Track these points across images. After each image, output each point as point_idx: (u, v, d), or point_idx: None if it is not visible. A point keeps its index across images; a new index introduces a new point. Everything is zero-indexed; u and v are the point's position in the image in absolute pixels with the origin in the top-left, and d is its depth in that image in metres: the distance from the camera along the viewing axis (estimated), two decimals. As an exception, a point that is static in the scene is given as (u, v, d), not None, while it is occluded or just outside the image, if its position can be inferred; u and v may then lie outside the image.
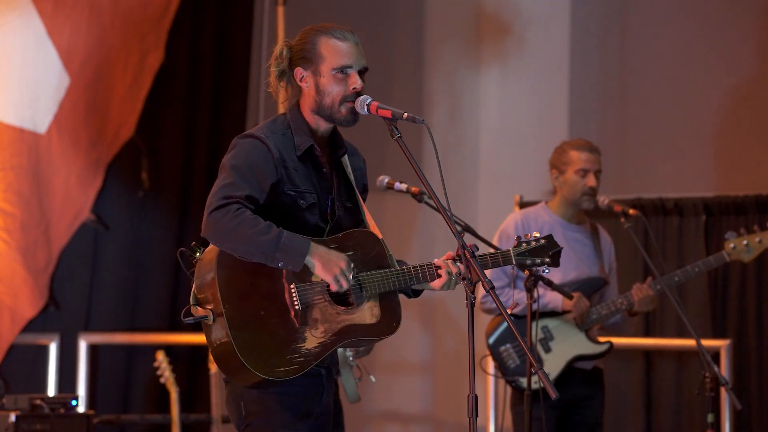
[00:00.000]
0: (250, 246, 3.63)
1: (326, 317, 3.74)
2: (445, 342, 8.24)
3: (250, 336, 3.65)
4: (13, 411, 6.24)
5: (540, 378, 3.44)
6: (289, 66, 3.85)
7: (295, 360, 3.67)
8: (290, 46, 3.87)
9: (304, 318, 3.71)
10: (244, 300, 3.68)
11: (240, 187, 3.69)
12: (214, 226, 3.65)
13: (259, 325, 3.67)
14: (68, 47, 7.20)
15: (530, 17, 8.16)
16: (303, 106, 3.86)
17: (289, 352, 3.67)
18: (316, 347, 3.71)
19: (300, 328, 3.70)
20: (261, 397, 3.72)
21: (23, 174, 7.09)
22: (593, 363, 5.52)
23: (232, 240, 3.63)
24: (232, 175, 3.71)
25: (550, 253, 4.01)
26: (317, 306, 3.74)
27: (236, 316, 3.64)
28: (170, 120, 7.68)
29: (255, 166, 3.73)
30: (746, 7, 7.84)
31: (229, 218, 3.63)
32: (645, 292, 5.46)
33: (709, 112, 7.88)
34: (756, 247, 5.48)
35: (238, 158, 3.75)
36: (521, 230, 5.54)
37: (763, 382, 7.06)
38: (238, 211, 3.64)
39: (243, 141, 3.79)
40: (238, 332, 3.63)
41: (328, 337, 3.73)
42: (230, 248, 3.65)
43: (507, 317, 3.52)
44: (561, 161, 5.56)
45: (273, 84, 3.88)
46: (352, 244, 3.81)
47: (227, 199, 3.66)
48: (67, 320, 7.30)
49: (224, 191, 3.68)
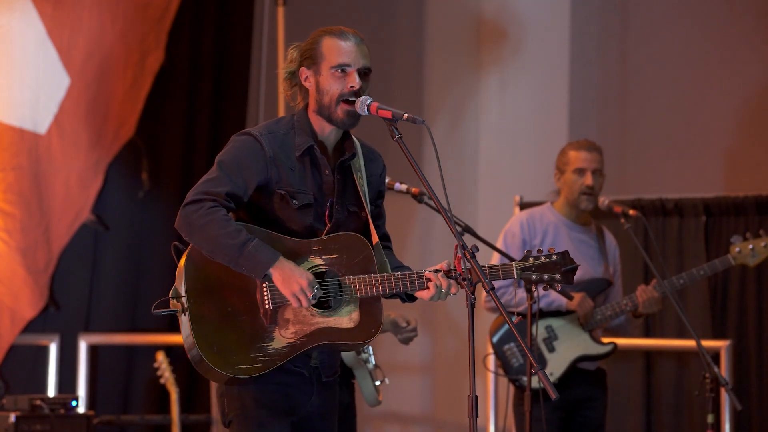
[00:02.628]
0: (214, 246, 3.65)
1: (299, 318, 3.72)
2: (445, 342, 8.24)
3: (213, 332, 3.66)
4: (13, 411, 6.25)
5: (540, 379, 3.44)
6: (298, 68, 3.87)
7: (259, 358, 3.67)
8: (300, 48, 3.87)
9: (274, 317, 3.70)
10: (211, 295, 3.69)
11: (221, 183, 3.70)
12: (185, 220, 3.68)
13: (224, 322, 3.67)
14: (68, 47, 7.20)
15: (530, 18, 8.16)
16: (309, 109, 3.86)
17: (253, 350, 3.67)
18: (283, 347, 3.69)
19: (269, 327, 3.70)
20: (239, 395, 3.73)
21: (23, 174, 7.09)
22: (596, 364, 5.52)
23: (198, 237, 3.66)
24: (217, 170, 3.73)
25: (563, 270, 3.85)
26: (290, 306, 3.72)
27: (200, 311, 3.66)
28: (170, 120, 7.68)
29: (242, 163, 3.74)
30: (746, 7, 7.83)
31: (200, 215, 3.65)
32: (650, 293, 5.46)
33: (710, 113, 7.88)
34: (761, 251, 5.47)
35: (227, 154, 3.77)
36: (527, 230, 5.54)
37: (763, 383, 7.05)
38: (212, 209, 3.65)
39: (237, 138, 3.81)
40: (200, 327, 3.65)
41: (298, 338, 3.71)
42: (197, 244, 3.69)
43: (507, 318, 3.52)
44: (562, 162, 5.57)
45: (284, 86, 3.89)
46: (337, 247, 3.78)
47: (204, 195, 3.68)
48: (67, 321, 7.30)
49: (204, 186, 3.70)
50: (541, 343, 5.43)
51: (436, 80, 8.37)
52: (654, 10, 8.11)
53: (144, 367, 7.33)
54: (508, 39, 8.20)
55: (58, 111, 7.20)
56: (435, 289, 3.75)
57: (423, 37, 8.44)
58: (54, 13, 7.16)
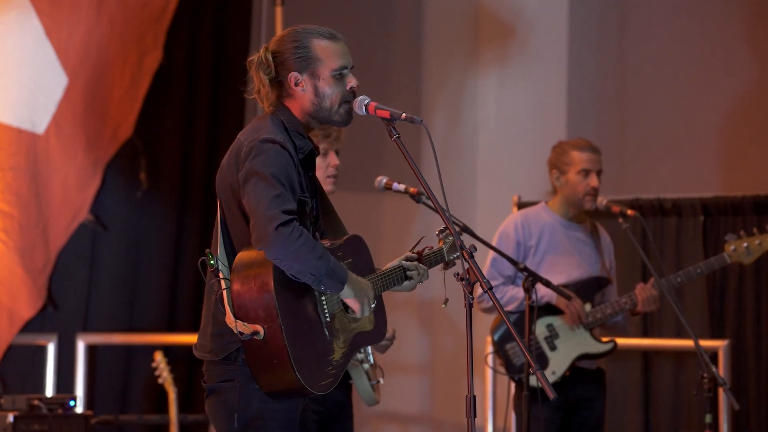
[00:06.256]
0: (306, 267, 3.58)
1: (343, 326, 3.75)
2: (443, 342, 8.24)
3: (301, 351, 3.61)
4: (11, 411, 6.24)
5: (539, 379, 3.44)
6: (276, 71, 3.79)
7: (330, 372, 3.68)
8: (272, 51, 3.80)
9: (331, 329, 3.71)
10: (293, 314, 3.63)
11: (289, 199, 3.61)
12: (282, 244, 3.55)
13: (305, 339, 3.64)
14: (66, 47, 7.20)
15: (529, 18, 8.16)
16: (293, 107, 3.81)
17: (325, 364, 3.67)
18: (341, 358, 3.72)
19: (330, 339, 3.70)
20: (260, 412, 3.68)
21: (21, 174, 7.08)
22: (596, 363, 5.53)
23: (293, 259, 3.56)
24: (277, 185, 3.61)
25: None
26: (337, 316, 3.75)
27: (290, 331, 3.60)
28: (168, 120, 7.67)
29: (289, 175, 3.66)
30: (744, 7, 7.84)
31: (294, 237, 3.55)
32: (648, 292, 5.47)
33: (708, 113, 7.88)
34: (756, 249, 5.51)
35: (274, 166, 3.65)
36: (521, 231, 5.55)
37: (761, 383, 7.06)
38: (300, 229, 3.58)
39: (271, 147, 3.68)
40: (293, 348, 3.58)
41: (347, 346, 3.75)
42: (287, 266, 3.58)
43: (506, 318, 3.53)
44: (562, 161, 5.56)
45: (263, 91, 3.80)
46: (351, 251, 3.82)
47: (289, 215, 3.58)
48: (65, 320, 7.29)
49: (279, 204, 3.59)
50: (542, 341, 5.44)
51: (434, 80, 8.37)
52: (652, 10, 8.11)
53: (142, 367, 7.33)
54: (507, 38, 8.20)
55: (56, 111, 7.19)
56: (416, 279, 3.95)
57: (421, 37, 8.44)
58: (52, 13, 7.15)
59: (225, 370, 3.71)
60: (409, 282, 3.95)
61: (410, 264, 3.96)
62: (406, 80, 8.41)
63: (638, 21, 8.14)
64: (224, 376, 3.72)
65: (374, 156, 8.02)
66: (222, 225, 3.77)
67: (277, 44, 3.82)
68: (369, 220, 8.12)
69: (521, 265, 5.04)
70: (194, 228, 7.63)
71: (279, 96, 3.82)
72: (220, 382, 3.73)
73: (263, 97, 3.83)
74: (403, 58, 8.47)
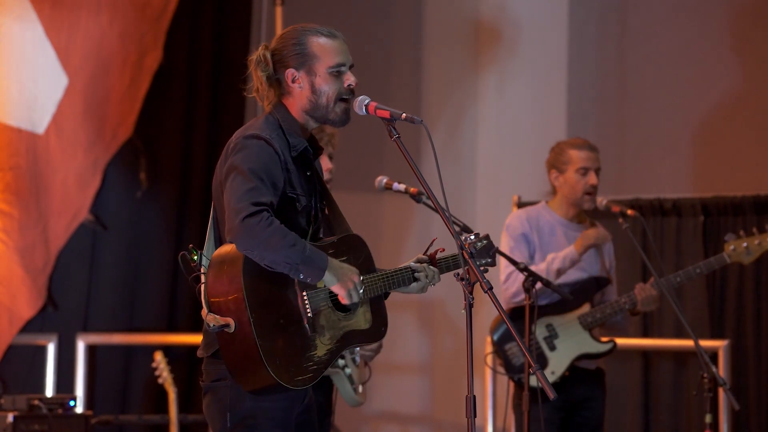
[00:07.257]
0: (278, 256, 3.56)
1: (330, 324, 3.72)
2: (443, 342, 8.24)
3: (273, 344, 3.58)
4: (11, 411, 6.24)
5: (539, 379, 3.44)
6: (275, 69, 3.82)
7: (310, 368, 3.65)
8: (272, 49, 3.83)
9: (314, 325, 3.68)
10: (266, 308, 3.62)
11: (263, 192, 3.61)
12: (248, 234, 3.55)
13: (279, 334, 3.61)
14: (66, 47, 7.20)
15: (528, 19, 8.16)
16: (291, 106, 3.82)
17: (304, 360, 3.64)
18: (325, 354, 3.69)
19: (312, 335, 3.67)
20: (251, 411, 3.67)
21: (21, 174, 7.09)
22: (596, 363, 5.53)
23: (263, 248, 3.55)
24: (252, 179, 3.62)
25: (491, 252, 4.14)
26: (323, 312, 3.72)
27: (261, 324, 3.58)
28: (168, 120, 7.67)
29: (270, 170, 3.67)
30: (744, 7, 7.84)
31: (263, 226, 3.55)
32: (648, 291, 5.47)
33: (708, 113, 7.88)
34: (755, 249, 5.50)
35: (253, 161, 3.66)
36: (527, 227, 5.55)
37: (760, 383, 7.06)
38: (270, 219, 3.57)
39: (254, 142, 3.70)
40: (264, 341, 3.56)
41: (334, 343, 3.72)
42: (258, 256, 3.57)
43: (506, 318, 3.53)
44: (560, 161, 5.56)
45: (261, 89, 3.83)
46: (345, 249, 3.80)
47: (258, 206, 3.58)
48: (65, 321, 7.29)
49: (252, 196, 3.59)
50: (542, 341, 5.44)
51: (435, 80, 8.38)
52: (652, 10, 8.11)
53: (142, 367, 7.33)
54: (507, 39, 8.21)
55: (56, 111, 7.19)
56: (424, 280, 3.89)
57: (421, 38, 8.44)
58: (52, 13, 7.16)
59: (218, 369, 3.72)
60: (416, 284, 3.91)
61: (419, 266, 3.92)
62: (406, 80, 8.42)
63: (638, 21, 8.15)
64: (217, 375, 3.73)
65: (374, 156, 8.03)
66: (213, 221, 3.81)
67: (277, 42, 3.85)
68: (369, 220, 8.12)
69: (521, 265, 5.05)
70: (194, 228, 7.62)
71: (278, 95, 3.84)
72: (214, 381, 3.74)
73: (262, 96, 3.85)
74: (403, 58, 8.47)
